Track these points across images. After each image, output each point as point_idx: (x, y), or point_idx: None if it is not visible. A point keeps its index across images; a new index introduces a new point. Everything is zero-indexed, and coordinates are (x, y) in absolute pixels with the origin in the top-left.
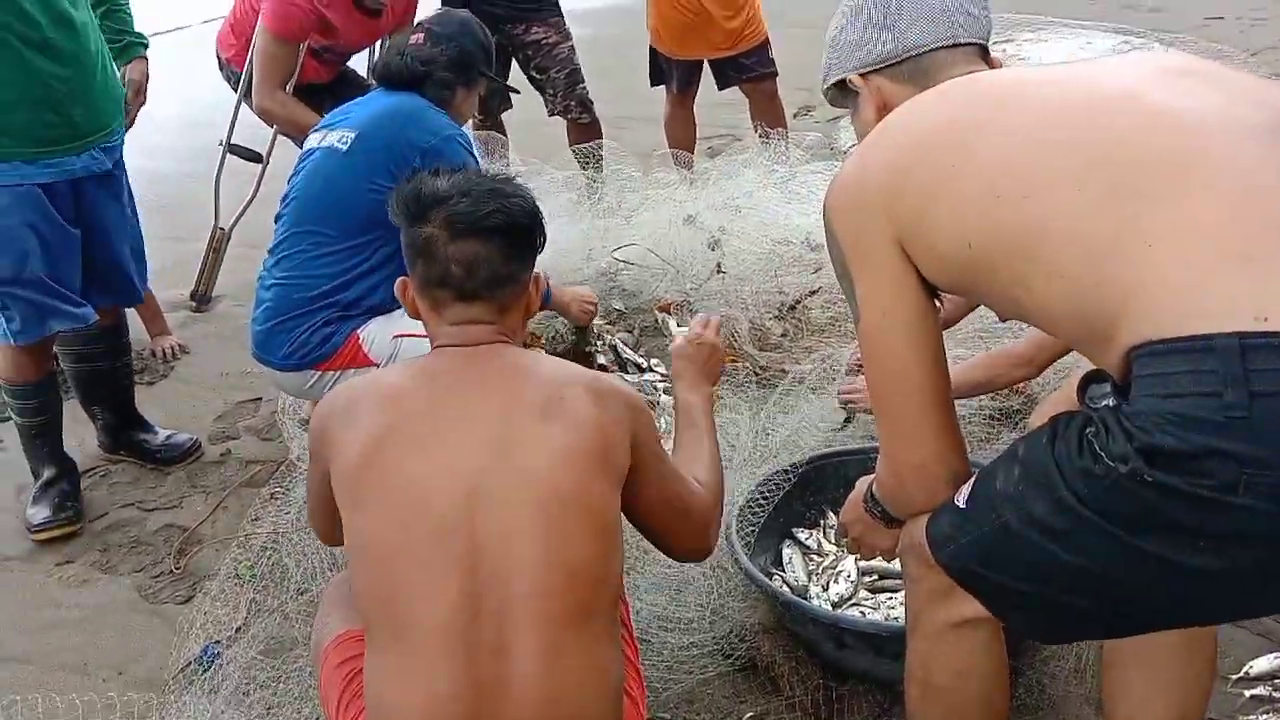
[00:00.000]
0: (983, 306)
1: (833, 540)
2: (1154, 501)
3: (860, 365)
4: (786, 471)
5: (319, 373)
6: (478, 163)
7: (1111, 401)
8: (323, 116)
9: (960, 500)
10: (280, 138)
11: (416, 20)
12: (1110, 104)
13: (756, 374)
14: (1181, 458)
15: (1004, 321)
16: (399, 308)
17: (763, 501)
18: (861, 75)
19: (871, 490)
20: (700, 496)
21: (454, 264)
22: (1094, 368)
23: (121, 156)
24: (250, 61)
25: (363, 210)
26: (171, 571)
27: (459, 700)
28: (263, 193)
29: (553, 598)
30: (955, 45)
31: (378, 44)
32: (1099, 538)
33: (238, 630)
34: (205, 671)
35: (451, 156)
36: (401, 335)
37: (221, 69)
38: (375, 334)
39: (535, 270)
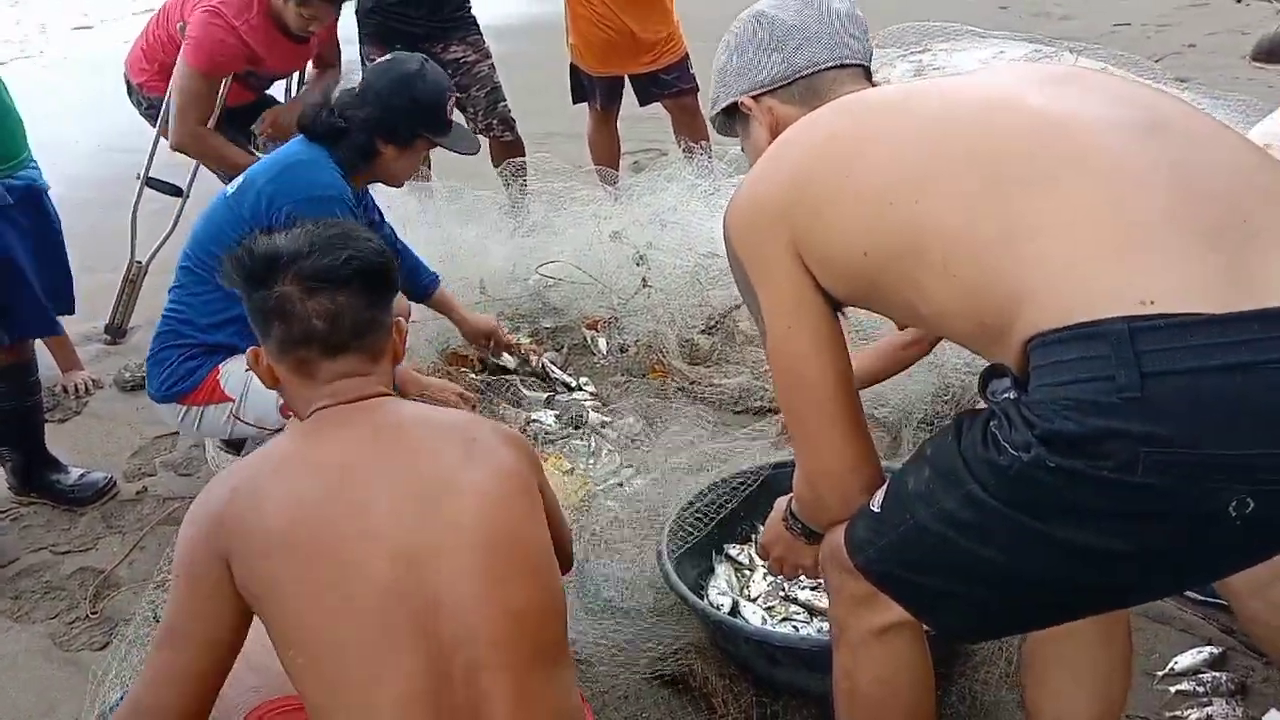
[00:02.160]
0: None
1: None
2: (1058, 486)
3: None
4: (717, 485)
5: (184, 406)
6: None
7: (1012, 394)
8: (241, 143)
9: (875, 505)
10: (203, 170)
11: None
12: (994, 109)
13: (684, 389)
14: (1081, 441)
15: (901, 329)
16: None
17: (695, 518)
18: (753, 97)
19: (790, 507)
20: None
21: (315, 318)
22: (992, 363)
23: (35, 186)
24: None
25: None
26: (87, 617)
27: None
28: (181, 226)
29: (514, 644)
30: (842, 66)
31: (297, 73)
32: (1008, 528)
33: None
34: None
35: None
36: None
37: (131, 94)
38: (232, 369)
39: (396, 315)
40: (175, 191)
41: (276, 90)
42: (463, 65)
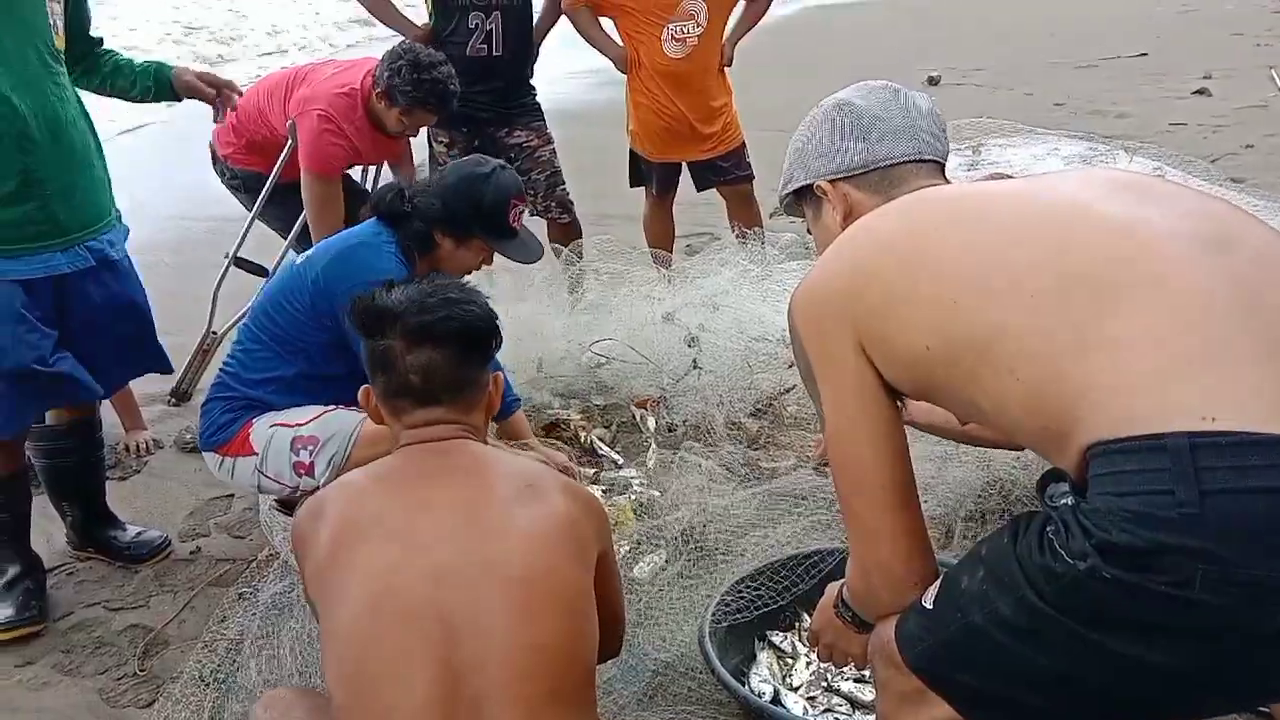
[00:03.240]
0: None
1: (805, 644)
2: (1113, 598)
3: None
4: (762, 570)
5: (220, 456)
6: None
7: (1070, 500)
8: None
9: (927, 601)
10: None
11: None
12: (1062, 215)
13: (732, 471)
14: (1137, 554)
15: (964, 425)
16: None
17: (737, 600)
18: (830, 181)
19: (842, 595)
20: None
21: (411, 373)
22: (1052, 467)
23: (115, 248)
24: (274, 178)
25: (284, 322)
26: (135, 674)
27: None
28: None
29: (529, 680)
30: (920, 161)
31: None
32: (1062, 635)
33: None
34: None
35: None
36: (277, 425)
37: (215, 164)
38: (260, 424)
39: (496, 371)
40: (261, 272)
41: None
42: (525, 149)
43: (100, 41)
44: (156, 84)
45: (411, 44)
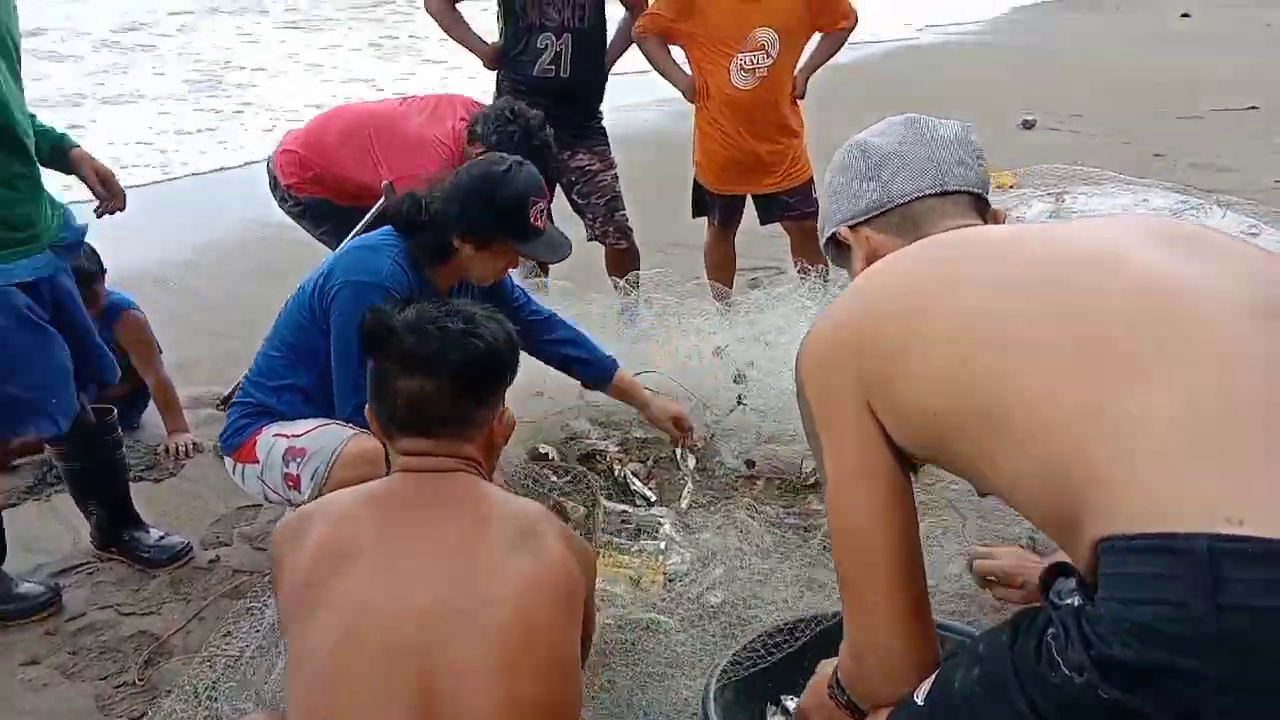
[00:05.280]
0: None
1: None
2: None
3: None
4: (781, 629)
5: (233, 460)
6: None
7: (1076, 600)
8: None
9: (919, 696)
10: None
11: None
12: (1094, 268)
13: (776, 525)
14: (1140, 674)
15: (981, 497)
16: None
17: (752, 657)
18: (850, 227)
19: (837, 675)
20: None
21: (400, 399)
22: (1059, 559)
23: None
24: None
25: (296, 329)
26: (134, 683)
27: None
28: None
29: None
30: (944, 193)
31: None
32: None
33: None
34: None
35: (341, 305)
36: (279, 435)
37: (274, 189)
38: (266, 432)
39: (503, 406)
40: None
41: None
42: (586, 173)
43: None
44: (52, 154)
45: (518, 107)
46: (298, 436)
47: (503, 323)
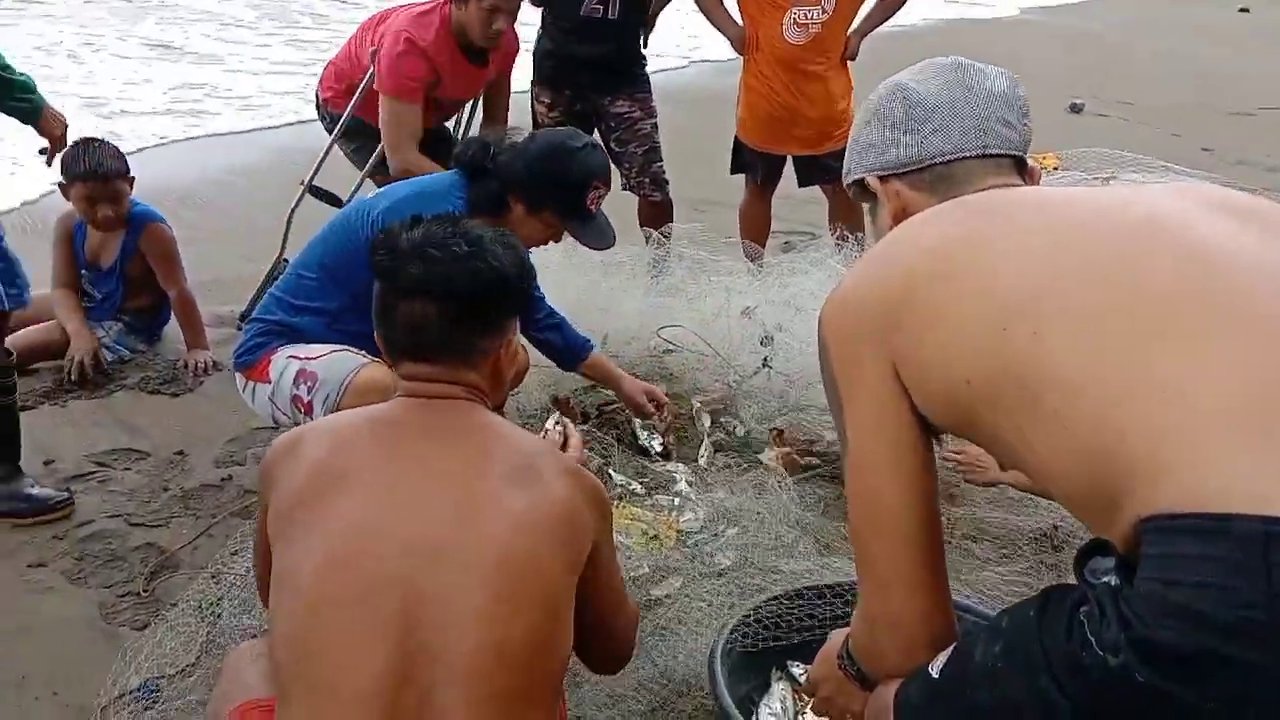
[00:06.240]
0: None
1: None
2: (1142, 706)
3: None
4: (797, 593)
5: (244, 378)
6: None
7: (1114, 580)
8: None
9: (934, 669)
10: (368, 183)
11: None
12: (1140, 234)
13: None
14: (1181, 659)
15: (1006, 471)
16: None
17: (761, 621)
18: (880, 178)
19: (847, 645)
20: (632, 604)
21: (400, 324)
22: (1098, 537)
23: None
24: (349, 111)
25: (338, 253)
26: (139, 594)
27: None
28: None
29: (487, 676)
30: (984, 156)
31: (467, 107)
32: None
33: (185, 669)
34: (147, 709)
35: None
36: (293, 357)
37: (318, 108)
38: (282, 352)
39: (511, 335)
40: (335, 201)
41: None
42: (626, 120)
43: None
44: (32, 109)
45: None
46: (311, 360)
47: (515, 247)
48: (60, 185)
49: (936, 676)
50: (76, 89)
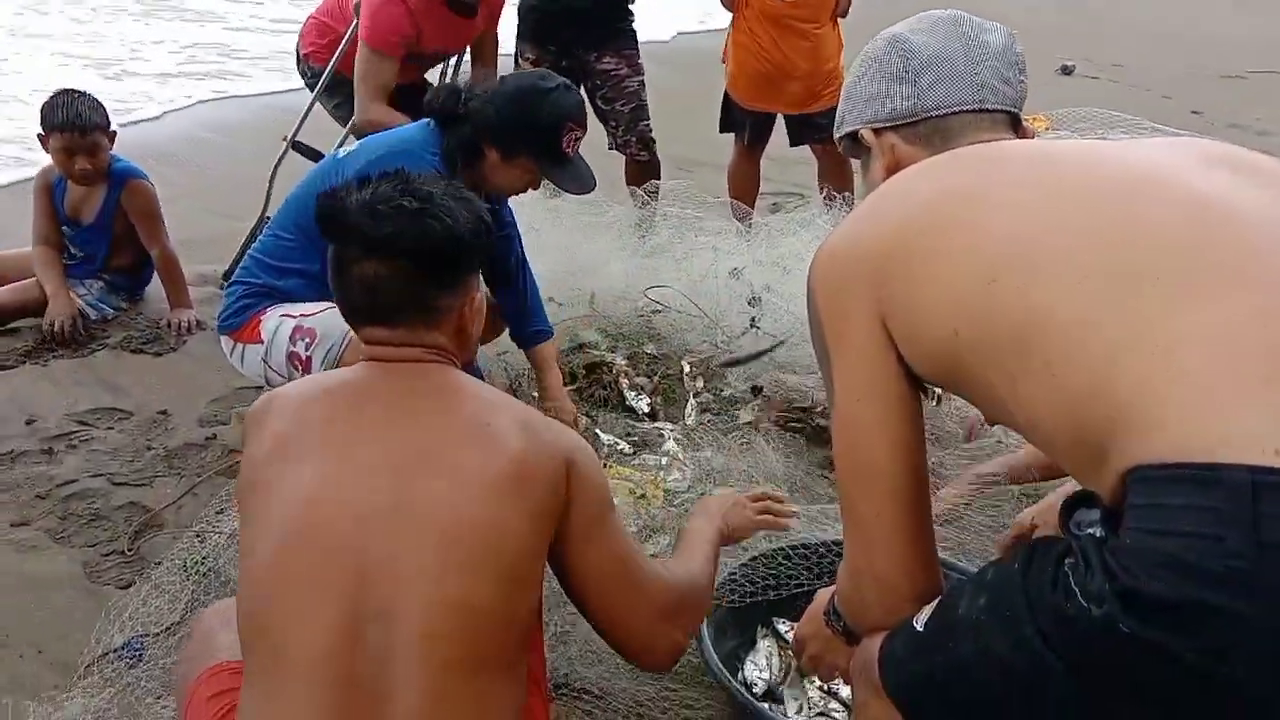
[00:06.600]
0: None
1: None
2: (1126, 657)
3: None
4: (783, 550)
5: (232, 341)
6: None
7: (1099, 531)
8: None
9: (919, 621)
10: (350, 138)
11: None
12: (1132, 186)
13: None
14: (1166, 609)
15: (990, 425)
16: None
17: (748, 578)
18: (874, 130)
19: (834, 602)
20: (661, 576)
21: (355, 287)
22: (1084, 489)
23: None
24: (331, 66)
25: (306, 211)
26: (124, 553)
27: None
28: None
29: (443, 640)
30: (981, 110)
31: (452, 61)
32: (1059, 688)
33: (169, 628)
34: (131, 667)
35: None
36: (286, 315)
37: (298, 63)
38: (272, 312)
39: (473, 291)
40: (317, 157)
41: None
42: (612, 77)
43: None
44: None
45: None
46: (307, 316)
47: (470, 201)
48: (39, 136)
49: (921, 629)
50: (85, 49)
